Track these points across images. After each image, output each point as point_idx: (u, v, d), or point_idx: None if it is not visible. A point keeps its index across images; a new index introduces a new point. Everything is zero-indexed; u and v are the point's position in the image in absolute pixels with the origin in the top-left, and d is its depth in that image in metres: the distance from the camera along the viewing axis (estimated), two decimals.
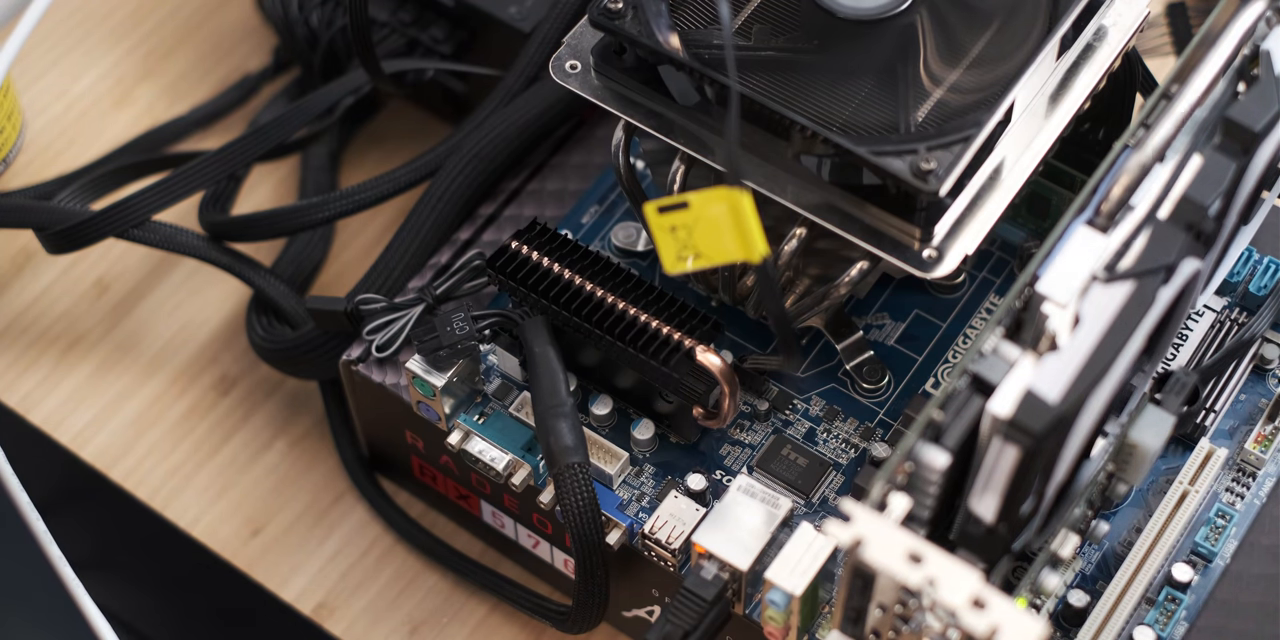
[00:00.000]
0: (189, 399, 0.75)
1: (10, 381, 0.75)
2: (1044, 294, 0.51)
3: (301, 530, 0.72)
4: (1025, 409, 0.50)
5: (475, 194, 0.70)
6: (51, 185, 0.77)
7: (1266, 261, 0.66)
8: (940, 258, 0.57)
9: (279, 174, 0.80)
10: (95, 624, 0.67)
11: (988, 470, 0.52)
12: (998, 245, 0.69)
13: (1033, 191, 0.67)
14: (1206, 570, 0.61)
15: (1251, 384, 0.65)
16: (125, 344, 0.76)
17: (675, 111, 0.59)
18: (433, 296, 0.65)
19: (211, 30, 0.84)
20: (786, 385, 0.65)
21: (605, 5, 0.58)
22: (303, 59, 0.79)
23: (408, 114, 0.81)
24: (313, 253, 0.76)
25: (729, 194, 0.52)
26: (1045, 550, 0.59)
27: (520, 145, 0.70)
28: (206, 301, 0.77)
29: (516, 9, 0.74)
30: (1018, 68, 0.57)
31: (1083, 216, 0.53)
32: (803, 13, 0.59)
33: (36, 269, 0.78)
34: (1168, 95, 0.55)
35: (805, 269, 0.63)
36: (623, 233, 0.69)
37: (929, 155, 0.55)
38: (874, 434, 0.65)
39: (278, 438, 0.74)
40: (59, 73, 0.83)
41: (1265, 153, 0.55)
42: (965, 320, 0.67)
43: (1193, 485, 0.61)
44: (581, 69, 0.61)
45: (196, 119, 0.80)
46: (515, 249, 0.62)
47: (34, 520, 0.68)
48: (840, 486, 0.64)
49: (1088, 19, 0.60)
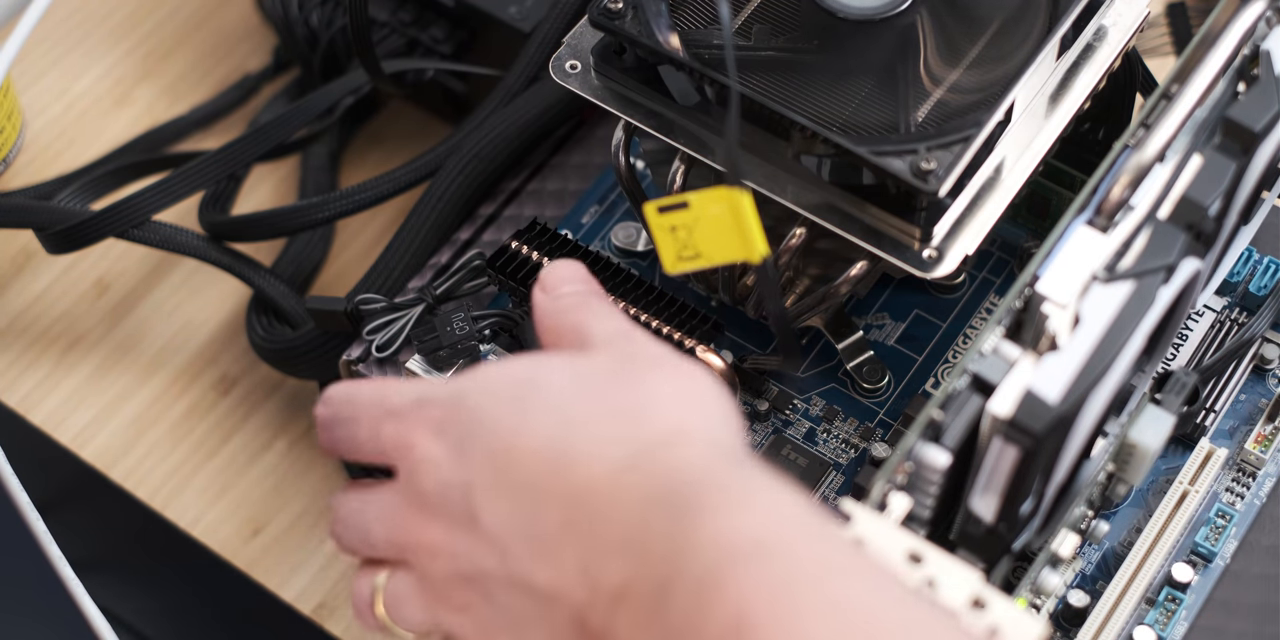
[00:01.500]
0: (189, 399, 0.75)
1: (10, 381, 0.75)
2: (1044, 294, 0.51)
3: (301, 530, 0.72)
4: (1025, 409, 0.50)
5: (475, 194, 0.70)
6: (51, 185, 0.77)
7: (1266, 261, 0.66)
8: (940, 258, 0.57)
9: (279, 174, 0.80)
10: (95, 624, 0.67)
11: (988, 470, 0.52)
12: (998, 245, 0.69)
13: (1033, 191, 0.67)
14: (1206, 570, 0.61)
15: (1251, 384, 0.65)
16: (125, 344, 0.76)
17: (675, 111, 0.59)
18: (433, 296, 0.65)
19: (211, 30, 0.84)
20: (786, 385, 0.65)
21: (605, 5, 0.58)
22: (303, 59, 0.79)
23: (408, 114, 0.81)
24: (313, 253, 0.76)
25: (729, 194, 0.52)
26: (1045, 550, 0.59)
27: (520, 145, 0.70)
28: (206, 301, 0.77)
29: (516, 9, 0.74)
30: (1018, 68, 0.57)
31: (1083, 216, 0.53)
32: (803, 13, 0.59)
33: (36, 269, 0.78)
34: (1168, 95, 0.55)
35: (805, 269, 0.63)
36: (623, 233, 0.69)
37: (929, 155, 0.55)
38: (874, 434, 0.65)
39: (278, 438, 0.74)
40: (59, 73, 0.83)
41: (1265, 153, 0.55)
42: (965, 320, 0.67)
43: (1193, 485, 0.61)
44: (581, 69, 0.61)
45: (196, 119, 0.80)
46: (515, 249, 0.63)
47: (34, 520, 0.68)
48: (840, 486, 0.64)
49: (1088, 19, 0.60)
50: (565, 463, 0.49)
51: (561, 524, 0.48)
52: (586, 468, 0.49)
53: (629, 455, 0.49)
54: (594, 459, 0.49)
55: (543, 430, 0.50)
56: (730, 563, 0.45)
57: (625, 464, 0.48)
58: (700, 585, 0.45)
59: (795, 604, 0.45)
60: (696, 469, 0.48)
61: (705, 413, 0.51)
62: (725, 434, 0.50)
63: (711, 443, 0.50)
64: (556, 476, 0.49)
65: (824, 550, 0.46)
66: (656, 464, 0.48)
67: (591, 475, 0.48)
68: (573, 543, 0.48)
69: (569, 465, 0.49)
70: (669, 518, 0.47)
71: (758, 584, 0.45)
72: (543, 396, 0.51)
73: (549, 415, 0.50)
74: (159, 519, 0.72)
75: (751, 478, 0.48)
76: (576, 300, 0.55)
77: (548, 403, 0.50)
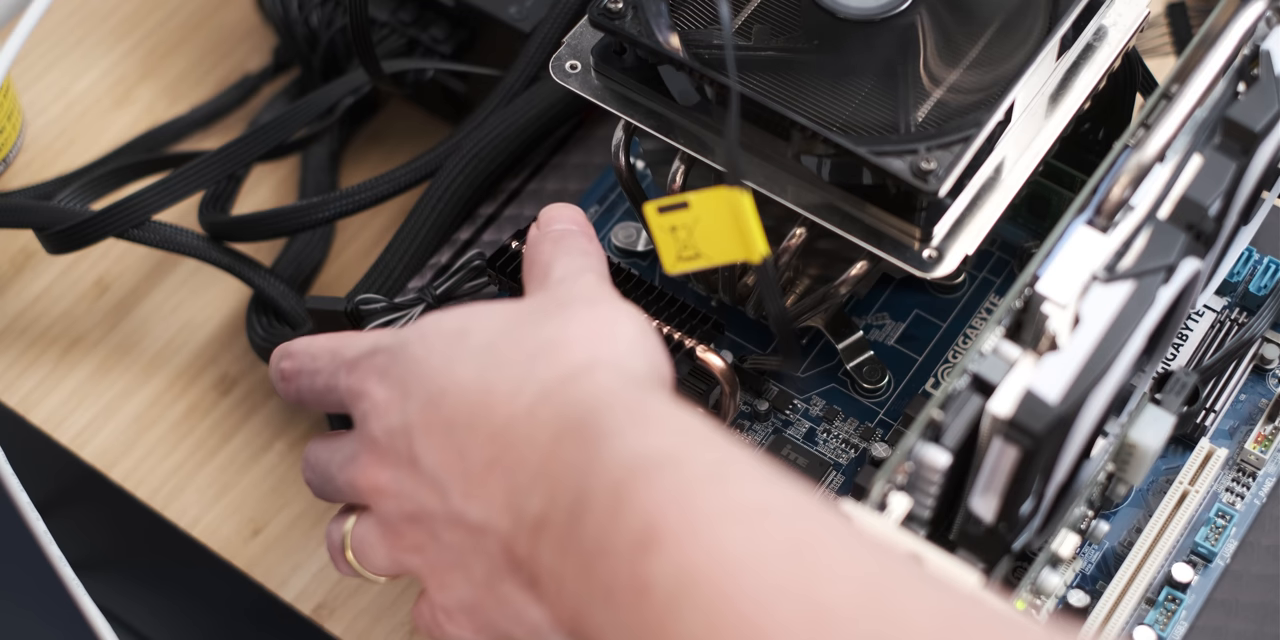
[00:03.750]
0: (189, 399, 0.75)
1: (10, 381, 0.75)
2: (1044, 294, 0.51)
3: (301, 530, 0.72)
4: (1025, 409, 0.50)
5: (475, 194, 0.70)
6: (51, 185, 0.77)
7: (1266, 261, 0.66)
8: (940, 258, 0.57)
9: (279, 174, 0.80)
10: (95, 624, 0.67)
11: (988, 470, 0.52)
12: (998, 245, 0.69)
13: (1033, 191, 0.67)
14: (1206, 570, 0.61)
15: (1251, 384, 0.65)
16: (125, 344, 0.76)
17: (675, 111, 0.59)
18: (433, 296, 0.65)
19: (211, 30, 0.84)
20: (786, 385, 0.65)
21: (605, 5, 0.58)
22: (303, 59, 0.79)
23: (408, 114, 0.81)
24: (313, 253, 0.76)
25: (729, 194, 0.52)
26: (1045, 550, 0.59)
27: (520, 145, 0.70)
28: (206, 301, 0.77)
29: (516, 9, 0.74)
30: (1018, 68, 0.57)
31: (1083, 216, 0.53)
32: (803, 13, 0.59)
33: (36, 269, 0.78)
34: (1168, 95, 0.55)
35: (805, 269, 0.63)
36: (623, 233, 0.69)
37: (929, 155, 0.55)
38: (874, 434, 0.65)
39: (278, 438, 0.74)
40: (59, 73, 0.83)
41: (1265, 153, 0.55)
42: (965, 320, 0.67)
43: (1193, 485, 0.61)
44: (581, 69, 0.61)
45: (196, 119, 0.80)
46: (515, 249, 0.63)
47: (34, 520, 0.68)
48: (840, 486, 0.64)
49: (1088, 19, 0.60)
50: (489, 402, 0.52)
51: (487, 461, 0.51)
52: (507, 405, 0.52)
53: (542, 391, 0.51)
54: (512, 396, 0.52)
55: (469, 372, 0.53)
56: (633, 478, 0.48)
57: (538, 399, 0.51)
58: (608, 502, 0.48)
59: (700, 508, 0.47)
60: (602, 396, 0.51)
61: (615, 345, 0.53)
62: (636, 363, 0.53)
63: (619, 372, 0.52)
64: (481, 416, 0.52)
65: (723, 456, 0.49)
66: (567, 395, 0.51)
67: (511, 412, 0.51)
68: (497, 478, 0.51)
69: (492, 404, 0.52)
70: (576, 445, 0.50)
71: (661, 493, 0.47)
72: (472, 340, 0.54)
73: (475, 358, 0.53)
74: (159, 519, 0.72)
75: (655, 400, 0.51)
76: (555, 236, 0.58)
77: (475, 346, 0.53)
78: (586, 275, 0.57)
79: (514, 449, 0.51)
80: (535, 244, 0.59)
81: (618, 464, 0.48)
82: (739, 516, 0.47)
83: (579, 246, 0.58)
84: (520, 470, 0.51)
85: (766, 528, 0.46)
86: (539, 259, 0.58)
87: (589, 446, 0.50)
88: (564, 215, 0.60)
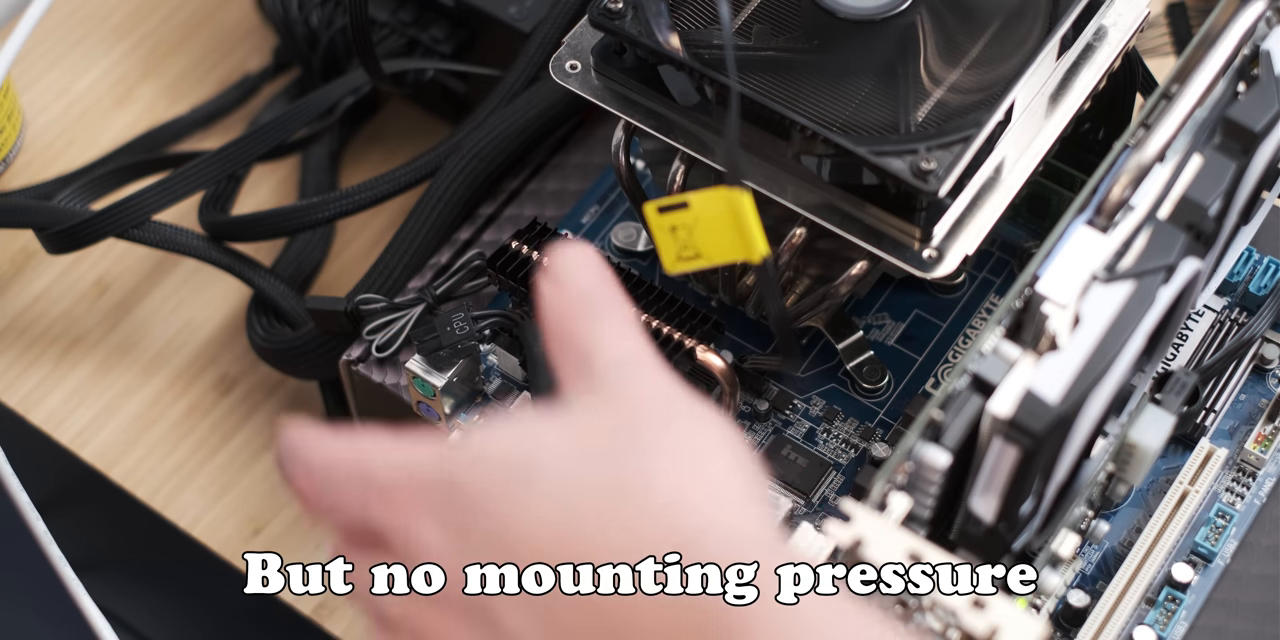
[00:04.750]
0: (189, 399, 0.75)
1: (10, 381, 0.75)
2: (1044, 294, 0.51)
3: (301, 530, 0.72)
4: (1025, 409, 0.50)
5: (475, 194, 0.70)
6: (51, 185, 0.77)
7: (1266, 261, 0.66)
8: (940, 258, 0.57)
9: (279, 174, 0.80)
10: (95, 624, 0.67)
11: (988, 470, 0.52)
12: (998, 245, 0.69)
13: (1033, 191, 0.67)
14: (1206, 570, 0.61)
15: (1251, 384, 0.65)
16: (125, 344, 0.76)
17: (675, 111, 0.59)
18: (433, 296, 0.65)
19: (211, 30, 0.84)
20: (786, 385, 0.65)
21: (605, 5, 0.58)
22: (303, 59, 0.79)
23: (408, 114, 0.81)
24: (313, 253, 0.76)
25: (729, 194, 0.52)
26: (1045, 550, 0.59)
27: (520, 145, 0.70)
28: (206, 301, 0.77)
29: (516, 9, 0.74)
30: (1018, 68, 0.57)
31: (1083, 216, 0.53)
32: (803, 13, 0.59)
33: (36, 269, 0.78)
34: (1168, 95, 0.55)
35: (805, 269, 0.63)
36: (623, 233, 0.69)
37: (929, 155, 0.55)
38: (874, 434, 0.65)
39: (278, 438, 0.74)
40: (59, 73, 0.83)
41: (1265, 153, 0.55)
42: (965, 320, 0.67)
43: (1193, 485, 0.61)
44: (581, 69, 0.61)
45: (196, 119, 0.80)
46: (515, 249, 0.63)
47: (34, 520, 0.68)
48: (840, 486, 0.64)
49: (1088, 19, 0.60)
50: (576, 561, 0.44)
51: (580, 630, 0.44)
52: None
53: (647, 559, 0.43)
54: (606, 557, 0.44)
55: (548, 523, 0.44)
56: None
57: (649, 580, 0.43)
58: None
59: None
60: (732, 602, 0.43)
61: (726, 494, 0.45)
62: (749, 524, 0.45)
63: (737, 547, 0.44)
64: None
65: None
66: (680, 577, 0.43)
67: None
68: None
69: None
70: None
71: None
72: (543, 484, 0.45)
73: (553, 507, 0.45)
74: (159, 519, 0.72)
75: (794, 614, 0.43)
76: (587, 305, 0.49)
77: (550, 491, 0.45)
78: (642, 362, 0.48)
79: (618, 628, 0.44)
80: (561, 316, 0.49)
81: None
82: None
83: (615, 313, 0.49)
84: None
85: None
86: (573, 339, 0.48)
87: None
88: (579, 262, 0.49)
